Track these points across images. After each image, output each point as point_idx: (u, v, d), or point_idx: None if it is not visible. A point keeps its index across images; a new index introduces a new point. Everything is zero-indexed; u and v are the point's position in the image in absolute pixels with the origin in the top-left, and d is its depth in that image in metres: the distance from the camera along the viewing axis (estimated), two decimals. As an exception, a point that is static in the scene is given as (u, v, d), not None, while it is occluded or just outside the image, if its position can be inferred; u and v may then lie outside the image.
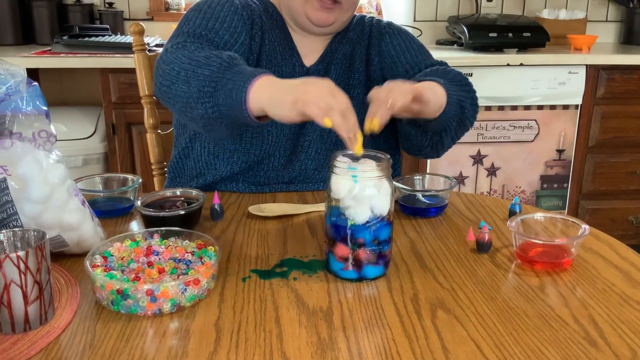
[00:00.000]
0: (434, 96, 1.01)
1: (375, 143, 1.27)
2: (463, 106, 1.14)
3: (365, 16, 1.34)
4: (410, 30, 2.75)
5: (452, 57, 2.48)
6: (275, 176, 1.25)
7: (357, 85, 1.28)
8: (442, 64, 1.27)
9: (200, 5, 1.20)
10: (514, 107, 2.53)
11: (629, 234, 2.75)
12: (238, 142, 1.22)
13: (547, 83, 2.51)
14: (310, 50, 1.26)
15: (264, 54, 1.22)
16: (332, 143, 1.25)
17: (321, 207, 1.09)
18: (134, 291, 0.74)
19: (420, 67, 1.26)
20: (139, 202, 1.01)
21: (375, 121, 0.88)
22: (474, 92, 1.20)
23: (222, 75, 0.98)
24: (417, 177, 1.16)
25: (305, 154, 1.25)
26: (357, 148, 0.85)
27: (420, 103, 0.97)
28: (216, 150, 1.24)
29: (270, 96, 0.91)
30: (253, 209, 1.10)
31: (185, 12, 1.22)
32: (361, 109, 1.19)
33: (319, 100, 0.85)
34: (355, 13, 1.29)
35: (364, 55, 1.29)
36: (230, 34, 1.16)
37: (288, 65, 1.23)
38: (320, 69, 1.26)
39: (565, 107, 2.57)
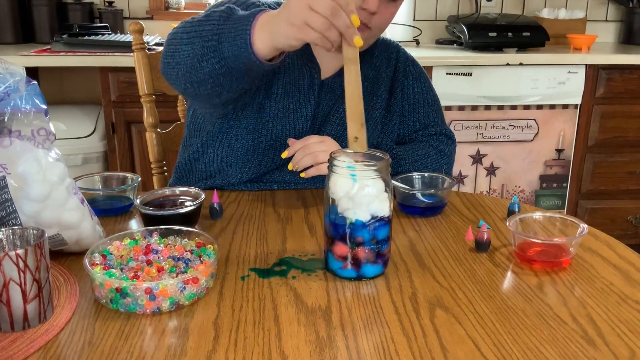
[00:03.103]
0: None
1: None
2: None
3: (392, 43, 1.36)
4: (410, 30, 2.77)
5: (452, 56, 2.48)
6: (283, 179, 1.25)
7: (379, 108, 1.29)
8: (442, 132, 1.33)
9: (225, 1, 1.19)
10: (514, 107, 2.53)
11: (628, 234, 2.75)
12: (251, 152, 1.22)
13: (546, 83, 2.51)
14: (329, 64, 1.26)
15: (282, 66, 1.21)
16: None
17: None
18: (132, 289, 0.74)
19: (426, 130, 1.33)
20: (138, 201, 1.01)
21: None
22: (445, 167, 1.31)
23: (223, 26, 0.95)
24: (417, 176, 1.16)
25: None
26: (357, 40, 0.84)
27: None
28: (229, 158, 1.23)
29: (272, 31, 0.91)
30: None
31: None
32: (379, 129, 1.28)
33: (300, 20, 0.85)
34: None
35: (389, 81, 1.32)
36: None
37: (306, 77, 1.23)
38: (337, 85, 1.25)
39: (565, 106, 2.57)
